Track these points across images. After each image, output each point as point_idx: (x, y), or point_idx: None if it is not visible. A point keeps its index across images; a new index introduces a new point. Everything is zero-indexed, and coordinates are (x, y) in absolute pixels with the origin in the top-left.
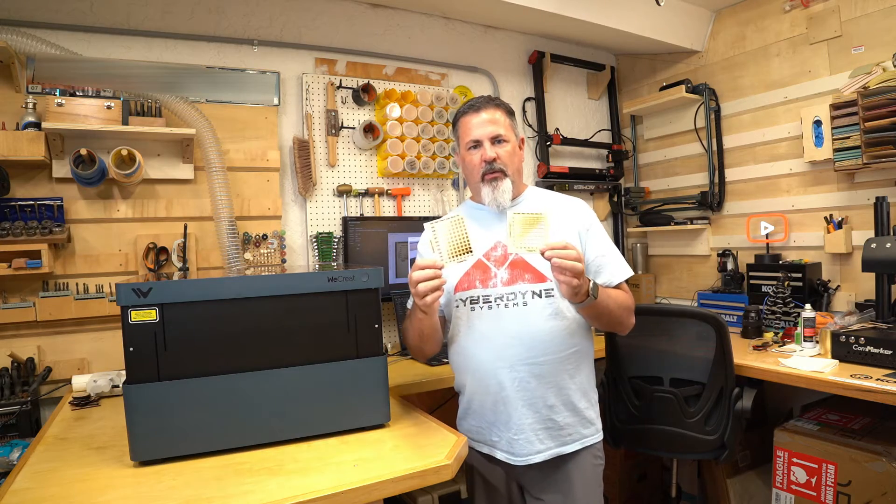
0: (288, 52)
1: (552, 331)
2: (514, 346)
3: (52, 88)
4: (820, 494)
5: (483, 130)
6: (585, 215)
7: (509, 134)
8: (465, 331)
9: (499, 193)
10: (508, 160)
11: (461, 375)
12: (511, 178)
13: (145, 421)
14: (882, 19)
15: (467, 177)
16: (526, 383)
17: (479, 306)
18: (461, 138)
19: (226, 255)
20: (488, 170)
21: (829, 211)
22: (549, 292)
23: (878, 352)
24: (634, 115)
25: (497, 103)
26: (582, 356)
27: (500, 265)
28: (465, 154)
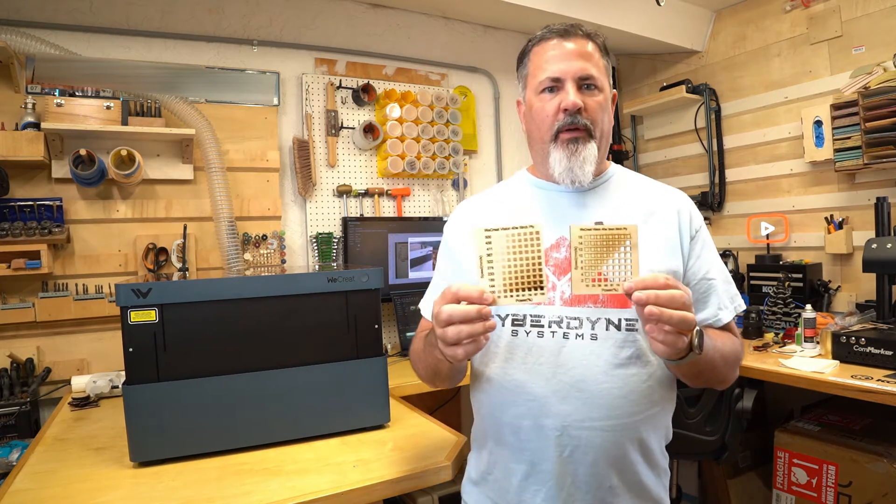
0: (288, 52)
1: (630, 382)
2: (572, 398)
3: (52, 89)
4: (820, 495)
5: (568, 65)
6: (694, 215)
7: (603, 79)
8: (499, 363)
9: (577, 162)
10: (598, 115)
11: (483, 424)
12: (598, 144)
13: (145, 421)
14: (883, 19)
15: (530, 133)
16: (583, 455)
17: (526, 330)
18: (531, 75)
19: (225, 256)
20: (568, 124)
21: (829, 211)
22: (630, 324)
23: (878, 352)
24: (635, 116)
25: (591, 35)
26: (661, 418)
27: (562, 273)
28: (532, 99)
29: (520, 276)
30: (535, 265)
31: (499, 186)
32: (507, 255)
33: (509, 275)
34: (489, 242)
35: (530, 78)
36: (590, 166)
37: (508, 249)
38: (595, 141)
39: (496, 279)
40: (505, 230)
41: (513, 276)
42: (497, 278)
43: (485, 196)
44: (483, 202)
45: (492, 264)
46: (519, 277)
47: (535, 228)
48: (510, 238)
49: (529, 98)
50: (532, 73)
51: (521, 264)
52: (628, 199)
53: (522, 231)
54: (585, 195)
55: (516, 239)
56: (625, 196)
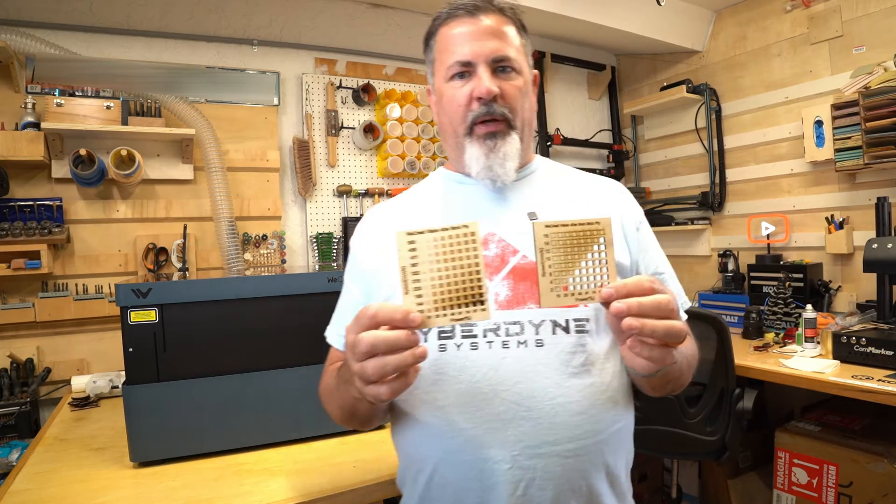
0: (288, 51)
1: (588, 394)
2: (520, 420)
3: (52, 88)
4: (821, 495)
5: (480, 46)
6: (634, 206)
7: (521, 60)
8: (426, 388)
9: (497, 160)
10: (518, 102)
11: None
12: (519, 135)
13: (145, 422)
14: (883, 19)
15: (442, 126)
16: (539, 490)
17: (456, 343)
18: (438, 60)
19: (225, 256)
20: (483, 114)
21: (830, 211)
22: (580, 325)
23: (879, 352)
24: (635, 115)
25: (505, 10)
26: (625, 437)
27: (494, 273)
28: (442, 87)
29: (454, 289)
30: (473, 274)
31: (415, 187)
32: (437, 263)
33: (441, 288)
34: (413, 249)
35: (438, 63)
36: (512, 162)
37: (438, 256)
38: (516, 132)
39: (424, 294)
40: (433, 233)
41: (445, 290)
42: (425, 293)
43: (398, 199)
44: (396, 206)
45: (418, 276)
46: (453, 291)
47: (469, 229)
48: (440, 242)
49: (439, 86)
50: (439, 57)
51: (455, 274)
52: (559, 191)
53: (454, 233)
54: (507, 188)
55: (447, 243)
56: (554, 188)
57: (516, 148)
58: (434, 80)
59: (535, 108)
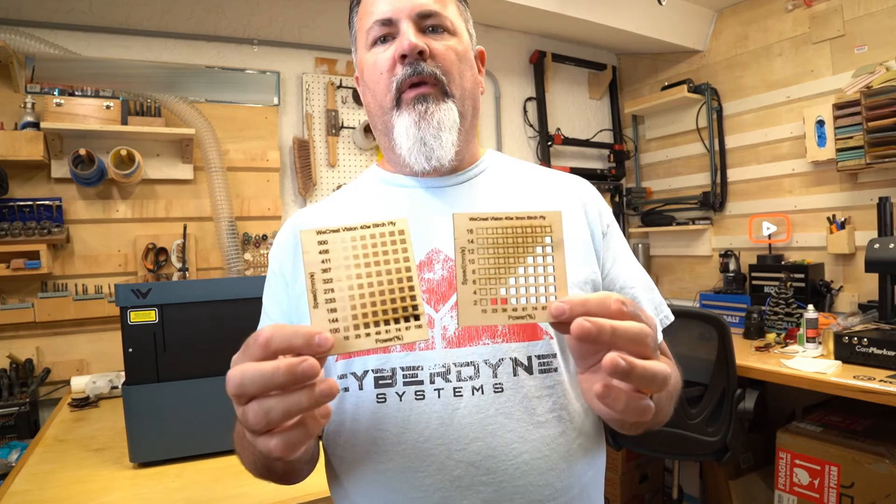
0: (288, 51)
1: (557, 446)
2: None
3: (51, 88)
4: (823, 496)
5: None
6: (603, 207)
7: (457, 21)
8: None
9: (430, 130)
10: (453, 65)
11: None
12: (458, 106)
13: (144, 422)
14: (885, 18)
15: (368, 107)
16: None
17: (398, 392)
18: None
19: (225, 256)
20: (409, 75)
21: (831, 211)
22: (545, 362)
23: (881, 353)
24: (636, 115)
25: None
26: (598, 482)
27: (440, 301)
28: (364, 58)
29: (379, 300)
30: (403, 280)
31: (343, 189)
32: (357, 268)
33: (362, 299)
34: (325, 251)
35: (359, 33)
36: (448, 135)
37: (357, 260)
38: (453, 101)
39: (340, 308)
40: (350, 231)
41: (368, 301)
42: (342, 306)
43: (325, 203)
44: (322, 211)
45: (331, 285)
46: (378, 302)
47: (396, 226)
48: (358, 242)
49: (360, 59)
50: (359, 25)
51: (379, 281)
52: (515, 190)
53: (376, 230)
54: (454, 189)
55: (369, 243)
56: (510, 186)
57: (454, 118)
58: (356, 56)
59: (478, 82)
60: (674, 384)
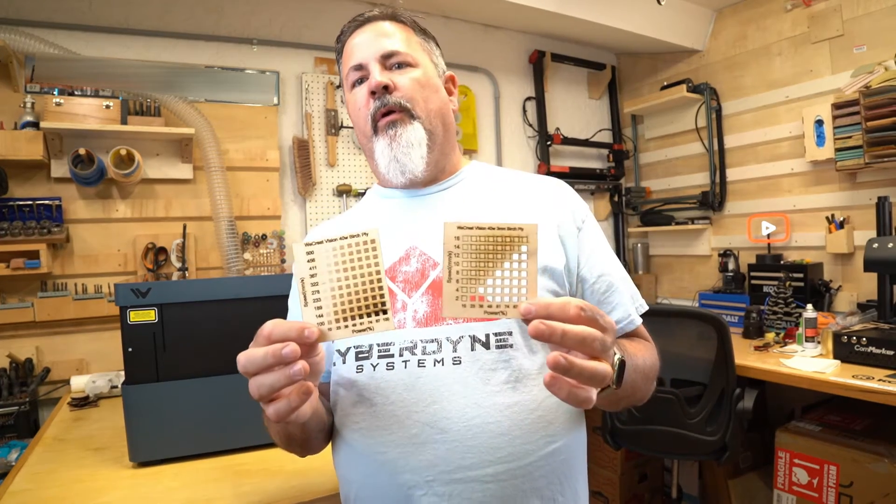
0: (287, 51)
1: (511, 414)
2: (433, 442)
3: (51, 88)
4: (822, 496)
5: (368, 48)
6: (577, 204)
7: (416, 54)
8: (347, 410)
9: (400, 149)
10: (415, 93)
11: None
12: (425, 126)
13: (144, 422)
14: (884, 18)
15: (358, 137)
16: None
17: (373, 363)
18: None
19: (225, 256)
20: (379, 107)
21: (830, 211)
22: (502, 339)
23: (880, 352)
24: (635, 115)
25: (393, 14)
26: (567, 457)
27: (413, 289)
28: (348, 97)
29: (355, 299)
30: (374, 282)
31: (351, 208)
32: (336, 273)
33: (341, 299)
34: (312, 260)
35: (344, 79)
36: (417, 150)
37: (337, 266)
38: (419, 122)
39: (324, 306)
40: (330, 242)
41: (346, 300)
42: (325, 305)
43: (337, 219)
44: (334, 226)
45: (317, 287)
46: (354, 301)
47: (368, 236)
48: (337, 252)
49: (347, 99)
50: (343, 73)
51: (354, 283)
52: (490, 197)
53: (353, 241)
54: (435, 196)
55: (346, 252)
56: (485, 194)
57: (420, 136)
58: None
59: (447, 104)
60: (650, 366)
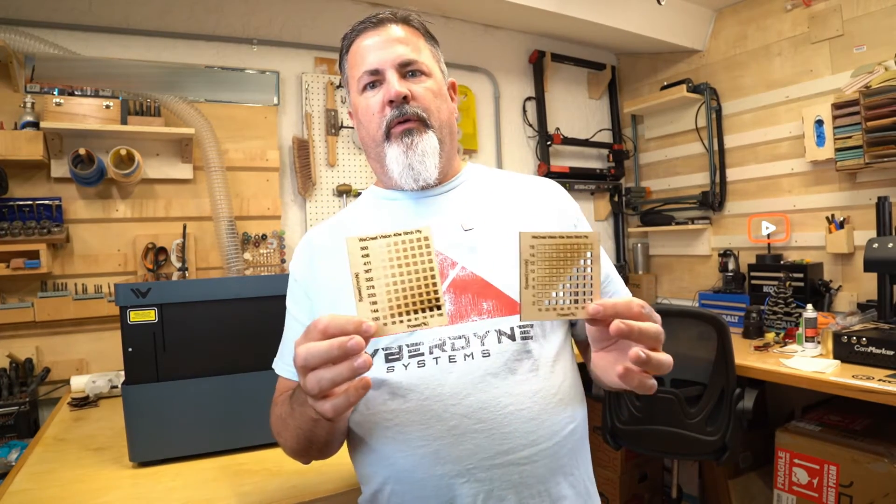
0: (287, 51)
1: (539, 399)
2: (472, 433)
3: (51, 88)
4: (822, 495)
5: (385, 53)
6: (568, 204)
7: (431, 64)
8: (377, 409)
9: (416, 157)
10: (431, 103)
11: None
12: (437, 135)
13: (144, 422)
14: (884, 18)
15: (363, 140)
16: (498, 500)
17: (404, 364)
18: (350, 75)
19: (225, 255)
20: (396, 116)
21: (830, 211)
22: (525, 331)
23: (880, 352)
24: (635, 115)
25: (406, 17)
26: (580, 435)
27: None
28: (357, 100)
29: (410, 295)
30: (428, 278)
31: (346, 208)
32: (392, 269)
33: (396, 294)
34: (366, 255)
35: (351, 79)
36: (431, 159)
37: (392, 262)
38: (433, 131)
39: (379, 301)
40: (385, 238)
41: (401, 296)
42: (381, 300)
43: (332, 220)
44: (331, 227)
45: (372, 283)
46: (409, 296)
47: (422, 233)
48: (392, 248)
49: (354, 101)
50: (351, 72)
51: (409, 279)
52: (491, 198)
53: (407, 238)
54: (439, 199)
55: (400, 248)
56: (486, 195)
57: (434, 146)
58: (350, 97)
59: (454, 113)
60: None
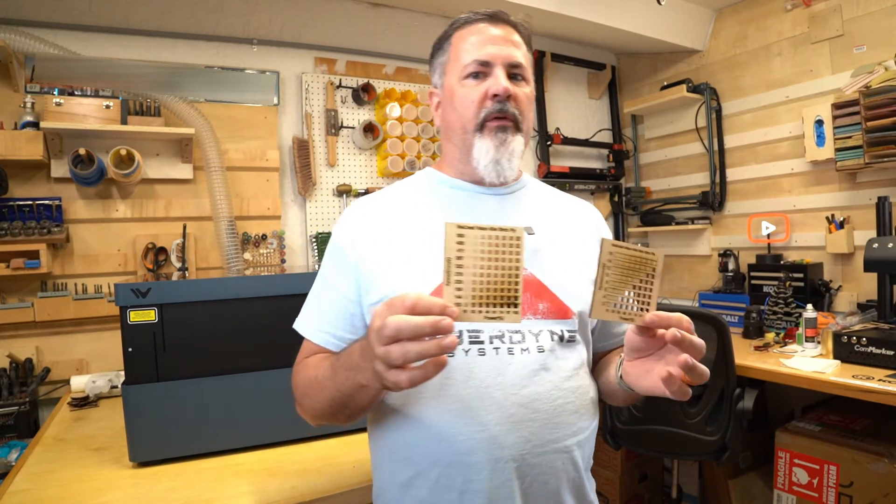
0: (287, 51)
1: (580, 396)
2: (528, 421)
3: (51, 88)
4: (822, 495)
5: (498, 49)
6: (605, 228)
7: (530, 74)
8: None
9: (505, 154)
10: (526, 109)
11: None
12: (524, 139)
13: (144, 422)
14: (884, 18)
15: (450, 124)
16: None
17: (465, 349)
18: (452, 60)
19: (225, 256)
20: (497, 111)
21: (830, 211)
22: (571, 336)
23: (879, 352)
24: (635, 115)
25: (519, 25)
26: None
27: None
28: (454, 85)
29: (492, 288)
30: (512, 276)
31: (399, 185)
32: (481, 260)
33: (481, 285)
34: (461, 243)
35: (451, 63)
36: (517, 161)
37: (483, 254)
38: (521, 135)
39: (464, 289)
40: (482, 230)
41: (485, 287)
42: (465, 288)
43: (383, 196)
44: (384, 201)
45: (461, 270)
46: (491, 289)
47: (515, 233)
48: (485, 241)
49: (450, 85)
50: (454, 58)
51: (495, 273)
52: (547, 208)
53: (502, 234)
54: (505, 199)
55: (493, 242)
56: (543, 204)
57: (521, 148)
58: (444, 79)
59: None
60: None
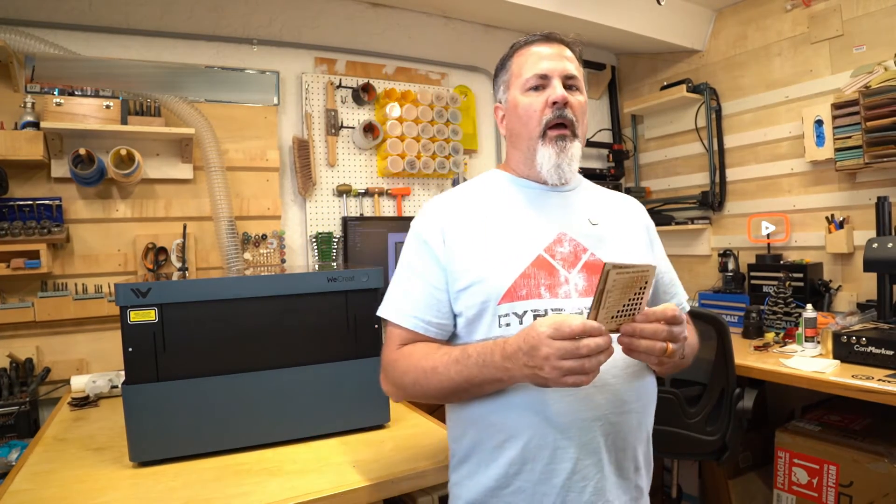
0: (287, 51)
1: (640, 367)
2: (607, 388)
3: (51, 88)
4: (821, 495)
5: (555, 64)
6: (650, 221)
7: (582, 82)
8: None
9: (566, 159)
10: (580, 115)
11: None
12: (580, 143)
13: (144, 421)
14: (884, 18)
15: (516, 132)
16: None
17: None
18: (515, 75)
19: (225, 255)
20: (557, 117)
21: (830, 211)
22: None
23: (879, 352)
24: (635, 115)
25: (571, 43)
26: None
27: (570, 267)
28: (518, 98)
29: (618, 311)
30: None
31: (472, 184)
32: (622, 292)
33: (614, 309)
34: (615, 281)
35: (514, 78)
36: (575, 165)
37: (623, 288)
38: (577, 140)
39: (607, 313)
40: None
41: (614, 311)
42: (605, 312)
43: (459, 193)
44: (460, 199)
45: (609, 298)
46: (617, 311)
47: (648, 273)
48: (627, 278)
49: (514, 98)
50: (517, 73)
51: (624, 300)
52: (602, 202)
53: (640, 273)
54: (568, 195)
55: (631, 279)
56: (597, 199)
57: (579, 153)
58: (508, 94)
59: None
60: (695, 342)
